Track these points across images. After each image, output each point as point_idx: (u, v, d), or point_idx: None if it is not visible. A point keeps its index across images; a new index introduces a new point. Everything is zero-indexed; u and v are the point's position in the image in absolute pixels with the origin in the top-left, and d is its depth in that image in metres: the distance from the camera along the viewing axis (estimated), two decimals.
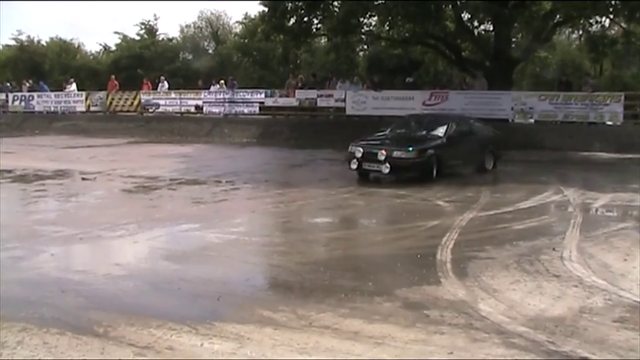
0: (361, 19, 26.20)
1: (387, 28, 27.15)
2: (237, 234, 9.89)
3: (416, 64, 33.27)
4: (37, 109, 35.31)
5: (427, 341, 5.36)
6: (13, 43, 51.05)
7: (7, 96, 36.71)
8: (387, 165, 14.23)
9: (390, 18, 25.12)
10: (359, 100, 26.42)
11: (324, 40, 34.65)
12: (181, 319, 5.77)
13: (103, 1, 71.34)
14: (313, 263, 7.96)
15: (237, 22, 48.23)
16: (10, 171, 17.12)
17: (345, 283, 7.01)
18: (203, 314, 5.99)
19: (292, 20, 26.09)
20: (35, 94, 35.92)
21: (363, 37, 30.48)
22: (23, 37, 50.86)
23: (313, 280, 7.21)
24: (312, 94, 28.16)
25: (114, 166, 17.71)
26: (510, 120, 23.85)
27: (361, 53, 38.85)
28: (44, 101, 35.33)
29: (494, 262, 7.86)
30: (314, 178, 15.59)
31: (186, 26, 50.90)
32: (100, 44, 52.71)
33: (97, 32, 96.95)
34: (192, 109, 31.28)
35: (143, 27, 47.64)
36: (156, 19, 47.95)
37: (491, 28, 26.96)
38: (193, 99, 31.43)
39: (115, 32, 52.22)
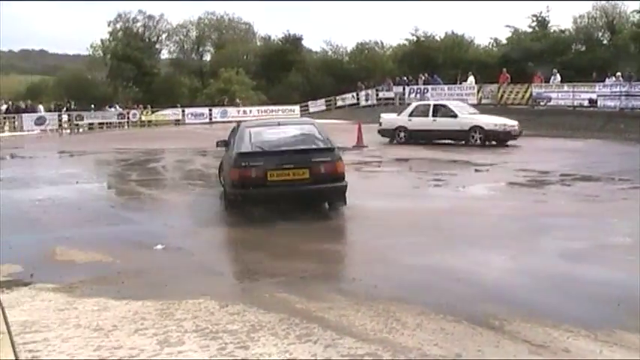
0: None
1: None
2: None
3: None
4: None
5: None
6: (410, 39, 54.24)
7: (404, 89, 39.11)
8: None
9: None
10: None
11: None
12: (578, 322, 5.51)
13: None
14: None
15: (634, 10, 45.35)
16: (408, 160, 18.25)
17: None
18: (601, 319, 5.64)
19: None
20: (429, 87, 37.63)
21: None
22: (420, 34, 53.70)
23: None
24: None
25: (505, 158, 17.82)
26: None
27: None
28: (438, 94, 36.77)
29: None
30: None
31: (580, 17, 49.26)
32: (491, 38, 53.51)
33: (488, 26, 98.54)
34: (585, 103, 30.13)
35: (535, 19, 47.11)
36: (548, 11, 47.11)
37: None
38: (587, 92, 30.29)
39: (506, 26, 52.45)
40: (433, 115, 23.16)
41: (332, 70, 59.40)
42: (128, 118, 44.32)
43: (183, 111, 45.32)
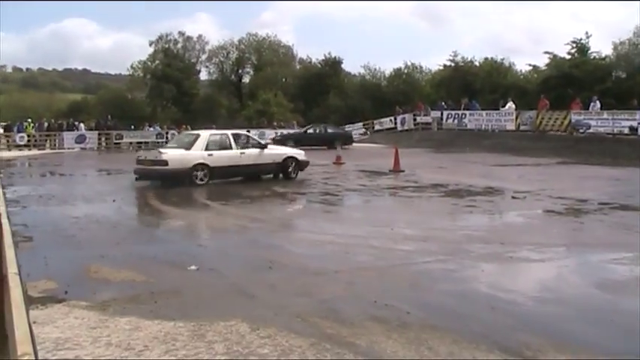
0: None
1: None
2: None
3: None
4: (468, 126, 36.88)
5: None
6: (449, 63, 54.24)
7: (442, 114, 39.10)
8: None
9: None
10: None
11: None
12: (612, 354, 5.44)
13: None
14: None
15: None
16: (444, 185, 18.10)
17: None
18: (637, 351, 5.54)
19: None
20: (467, 112, 37.56)
21: None
22: (458, 58, 53.71)
23: None
24: None
25: (543, 186, 17.57)
26: None
27: None
28: (476, 119, 36.72)
29: None
30: None
31: (620, 43, 48.71)
32: (530, 64, 53.19)
33: (527, 52, 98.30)
34: (626, 130, 29.78)
35: (574, 45, 46.68)
36: (587, 37, 46.64)
37: None
38: (627, 119, 30.00)
39: (545, 52, 52.08)
40: (237, 147, 19.69)
41: (370, 94, 59.56)
42: (167, 137, 44.70)
43: None
